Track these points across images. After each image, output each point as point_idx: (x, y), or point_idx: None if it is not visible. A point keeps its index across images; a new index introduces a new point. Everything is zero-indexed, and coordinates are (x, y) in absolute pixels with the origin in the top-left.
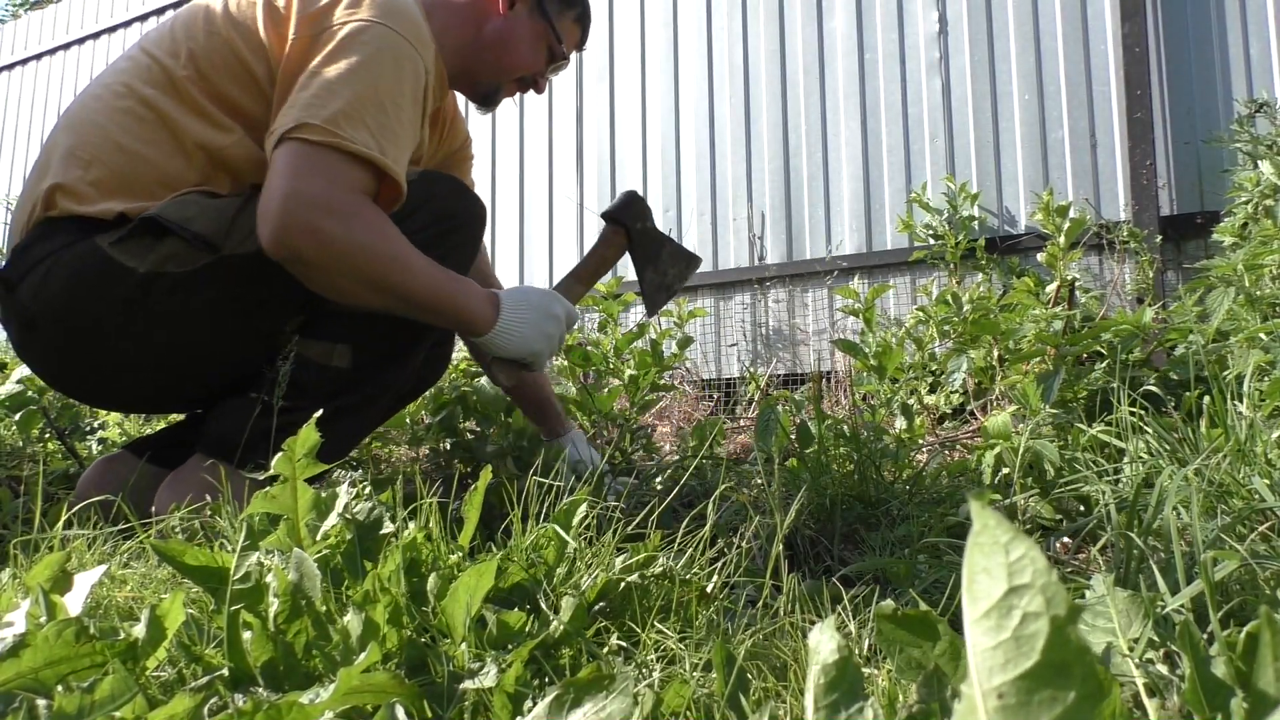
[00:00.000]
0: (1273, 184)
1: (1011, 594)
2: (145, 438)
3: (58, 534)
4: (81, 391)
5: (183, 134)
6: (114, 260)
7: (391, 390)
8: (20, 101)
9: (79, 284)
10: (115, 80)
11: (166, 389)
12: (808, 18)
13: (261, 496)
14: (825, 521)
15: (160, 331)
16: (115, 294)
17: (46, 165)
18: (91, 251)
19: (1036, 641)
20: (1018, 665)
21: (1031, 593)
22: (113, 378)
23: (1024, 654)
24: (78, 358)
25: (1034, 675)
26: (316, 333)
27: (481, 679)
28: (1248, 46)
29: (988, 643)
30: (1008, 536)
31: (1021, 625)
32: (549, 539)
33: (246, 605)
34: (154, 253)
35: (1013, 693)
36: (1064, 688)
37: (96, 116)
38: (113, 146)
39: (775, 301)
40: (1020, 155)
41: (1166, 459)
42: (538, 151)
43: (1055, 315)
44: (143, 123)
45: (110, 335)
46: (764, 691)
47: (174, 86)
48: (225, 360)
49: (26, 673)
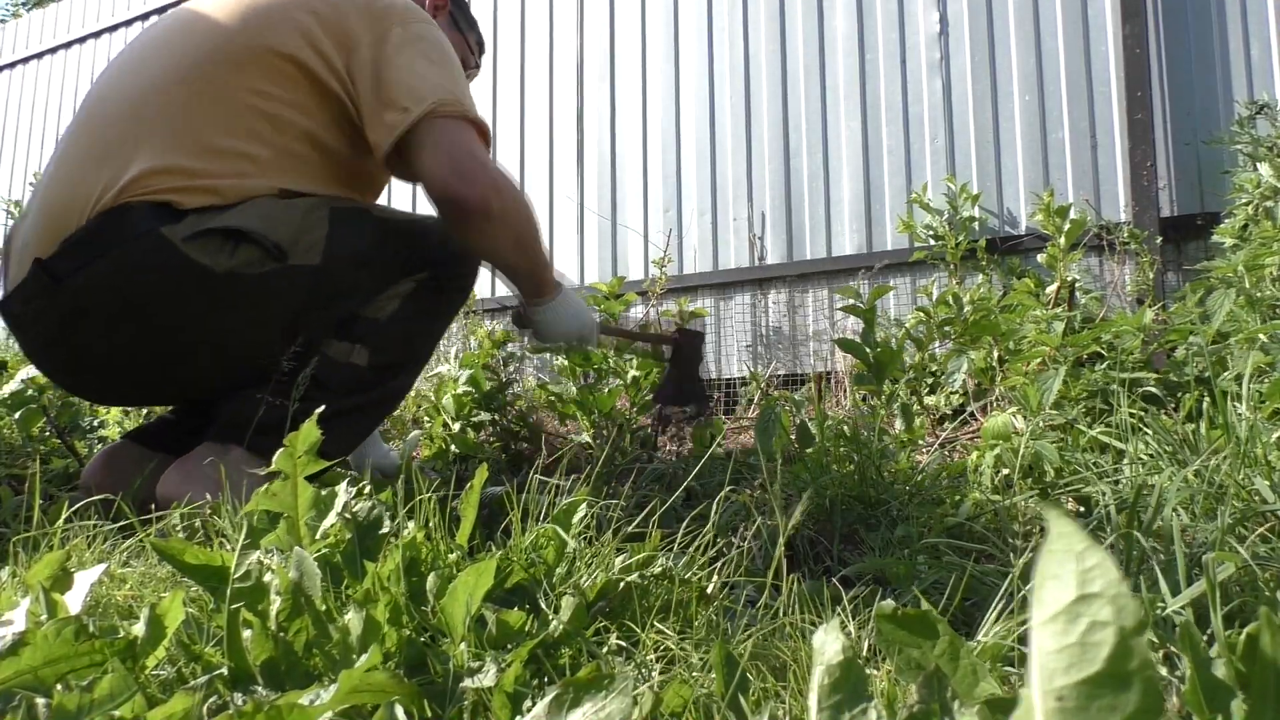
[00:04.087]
0: (1272, 185)
1: (1081, 601)
2: (145, 426)
3: (58, 531)
4: (105, 389)
5: (283, 126)
6: (191, 259)
7: (398, 396)
8: (22, 101)
9: (158, 279)
10: (200, 58)
11: (202, 386)
12: (808, 17)
13: (262, 494)
14: (825, 522)
15: (217, 329)
16: (186, 289)
17: (105, 152)
18: (165, 247)
19: (1102, 650)
20: (1081, 670)
21: (1101, 602)
22: (151, 373)
23: (1088, 660)
24: (123, 349)
25: (1096, 682)
26: (340, 333)
27: (481, 678)
28: (1248, 48)
29: (1052, 646)
30: (1082, 545)
31: (1089, 632)
32: (549, 539)
33: (246, 604)
34: (233, 256)
35: (1073, 697)
36: (1124, 696)
37: (177, 102)
38: (188, 131)
39: (775, 302)
40: (1020, 155)
41: (1167, 460)
42: (538, 151)
43: (1055, 316)
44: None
45: (173, 329)
46: (764, 692)
47: (269, 77)
48: (261, 357)
49: (26, 671)
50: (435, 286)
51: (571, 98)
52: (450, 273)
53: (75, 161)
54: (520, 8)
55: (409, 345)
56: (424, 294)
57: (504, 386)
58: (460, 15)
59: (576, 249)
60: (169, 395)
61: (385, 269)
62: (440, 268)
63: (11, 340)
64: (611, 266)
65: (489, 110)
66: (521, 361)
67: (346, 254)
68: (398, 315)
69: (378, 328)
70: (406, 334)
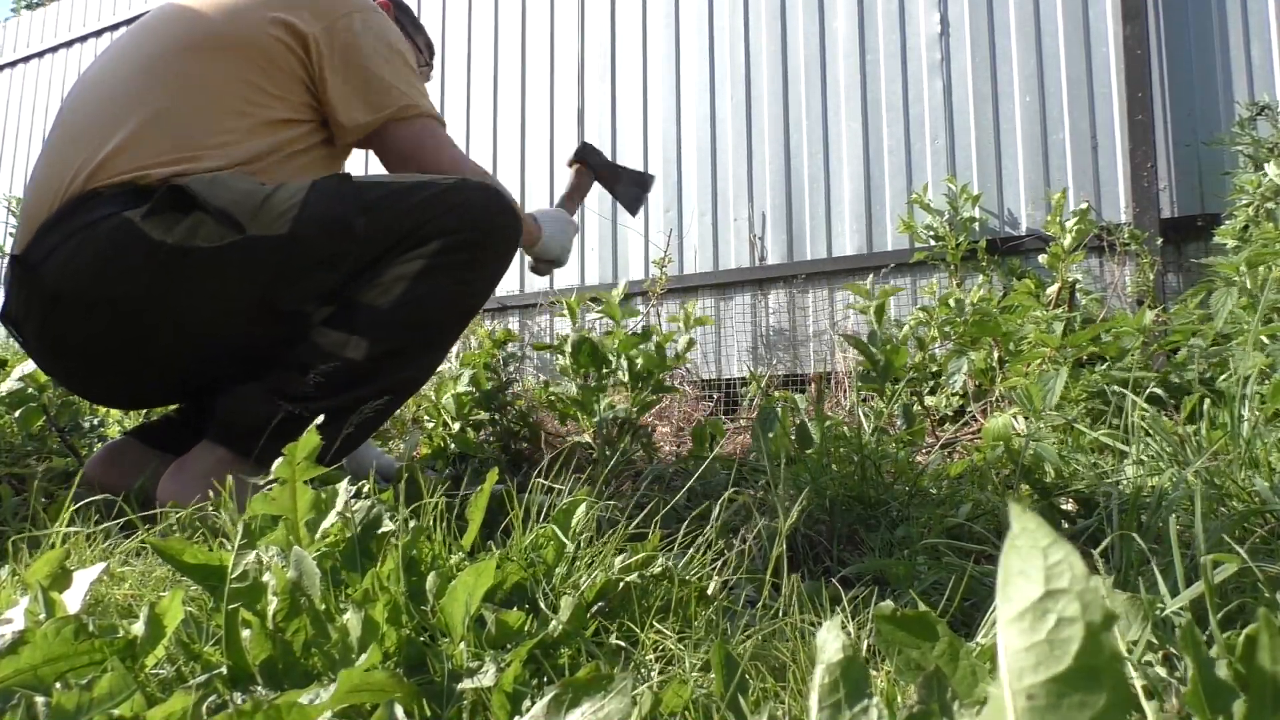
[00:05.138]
0: (1274, 186)
1: (1048, 598)
2: (148, 424)
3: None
4: (91, 380)
5: (254, 113)
6: (144, 233)
7: (407, 388)
8: (23, 101)
9: (110, 255)
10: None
11: (176, 371)
12: (809, 18)
13: (261, 499)
14: (825, 522)
15: (184, 308)
16: (144, 265)
17: (76, 142)
18: (123, 225)
19: (1070, 646)
20: (1049, 668)
21: (1068, 598)
22: (128, 360)
23: (1057, 658)
24: (99, 336)
25: (1065, 679)
26: (336, 323)
27: (480, 678)
28: (1249, 49)
29: (1020, 644)
30: (1047, 540)
31: (1056, 629)
32: (548, 539)
33: (245, 603)
34: (181, 225)
35: (1043, 695)
36: (1094, 693)
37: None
38: (157, 117)
39: (776, 302)
40: (1021, 157)
41: (1167, 461)
42: (539, 151)
43: (1056, 317)
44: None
45: (136, 309)
46: (763, 692)
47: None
48: (242, 343)
49: (25, 670)
50: (449, 261)
51: (572, 97)
52: (466, 240)
53: (50, 157)
54: (521, 8)
55: (419, 332)
56: (436, 272)
57: (504, 386)
58: (405, 18)
59: (577, 249)
60: (160, 390)
61: (376, 238)
62: (453, 236)
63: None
64: (612, 266)
65: (490, 110)
66: (521, 361)
67: (321, 222)
68: (403, 299)
69: (377, 316)
70: (414, 319)
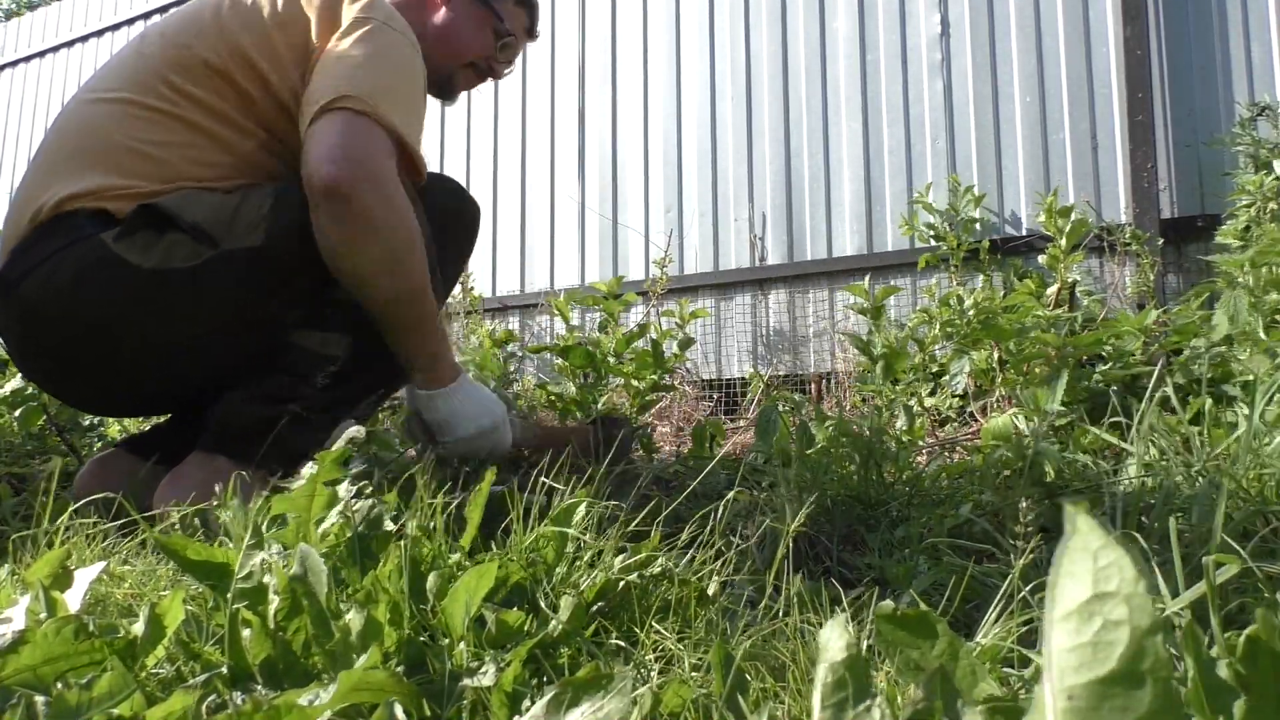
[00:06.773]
0: (1276, 186)
1: (1095, 600)
2: (140, 434)
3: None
4: (77, 391)
5: (214, 136)
6: (119, 257)
7: (390, 381)
8: (25, 101)
9: (86, 280)
10: (128, 79)
11: (164, 386)
12: (810, 18)
13: (282, 498)
14: (825, 522)
15: (165, 328)
16: (121, 291)
17: (52, 168)
18: (97, 247)
19: (1115, 649)
20: (1093, 670)
21: (1115, 601)
22: (111, 374)
23: (1100, 660)
24: (79, 354)
25: (1108, 682)
26: (314, 324)
27: (480, 678)
28: (1249, 49)
29: (1066, 644)
30: (1099, 543)
31: (1102, 631)
32: (548, 539)
33: (249, 604)
34: (157, 247)
35: (1083, 696)
36: (1137, 698)
37: (106, 118)
38: (132, 146)
39: (776, 302)
40: (1021, 157)
41: (1170, 461)
42: (540, 151)
43: (1056, 317)
44: (162, 122)
45: (115, 332)
46: (763, 692)
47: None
48: (227, 355)
49: (25, 669)
50: None
51: (573, 98)
52: (436, 232)
53: (32, 176)
54: None
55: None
56: None
57: (504, 386)
58: None
59: (578, 249)
60: (145, 402)
61: None
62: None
63: None
64: (612, 266)
65: (490, 111)
66: (522, 361)
67: (294, 228)
68: None
69: (354, 311)
70: None
